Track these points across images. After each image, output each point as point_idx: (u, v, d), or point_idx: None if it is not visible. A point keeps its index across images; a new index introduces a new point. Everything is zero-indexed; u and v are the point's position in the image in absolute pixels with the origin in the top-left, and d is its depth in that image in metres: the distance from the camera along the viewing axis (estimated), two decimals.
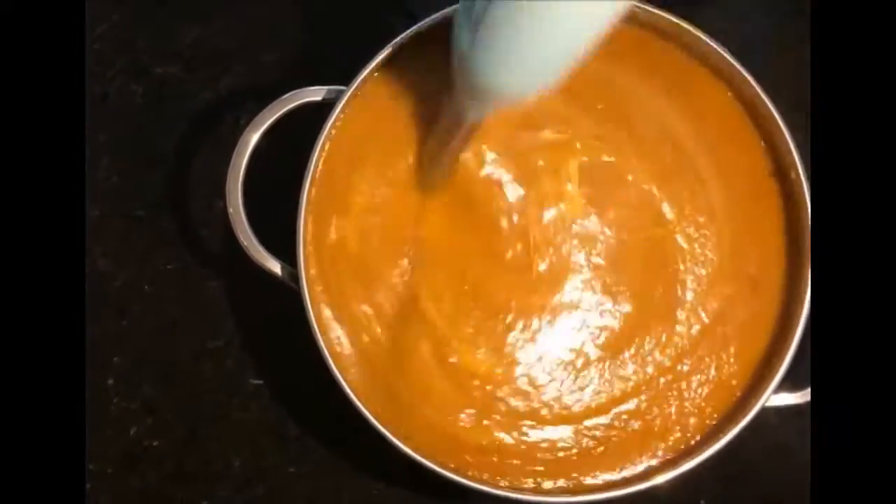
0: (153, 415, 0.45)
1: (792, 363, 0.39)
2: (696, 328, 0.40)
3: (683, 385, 0.40)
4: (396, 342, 0.39)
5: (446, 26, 0.39)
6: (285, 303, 0.39)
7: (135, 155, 0.47)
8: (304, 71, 0.47)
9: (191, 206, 0.47)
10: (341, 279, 0.40)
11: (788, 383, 0.39)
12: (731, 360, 0.40)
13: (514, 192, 0.40)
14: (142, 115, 0.48)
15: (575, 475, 0.39)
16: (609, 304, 0.40)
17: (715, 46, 0.40)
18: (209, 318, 0.46)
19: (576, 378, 0.40)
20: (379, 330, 0.39)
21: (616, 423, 0.39)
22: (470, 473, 0.38)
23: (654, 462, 0.39)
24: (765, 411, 0.39)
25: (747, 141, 0.41)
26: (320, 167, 0.39)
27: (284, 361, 0.46)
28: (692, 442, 0.39)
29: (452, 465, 0.38)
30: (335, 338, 0.39)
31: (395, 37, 0.40)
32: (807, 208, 0.39)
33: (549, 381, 0.40)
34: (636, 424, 0.39)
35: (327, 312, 0.39)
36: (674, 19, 0.40)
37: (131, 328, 0.46)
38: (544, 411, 0.39)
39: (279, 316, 0.41)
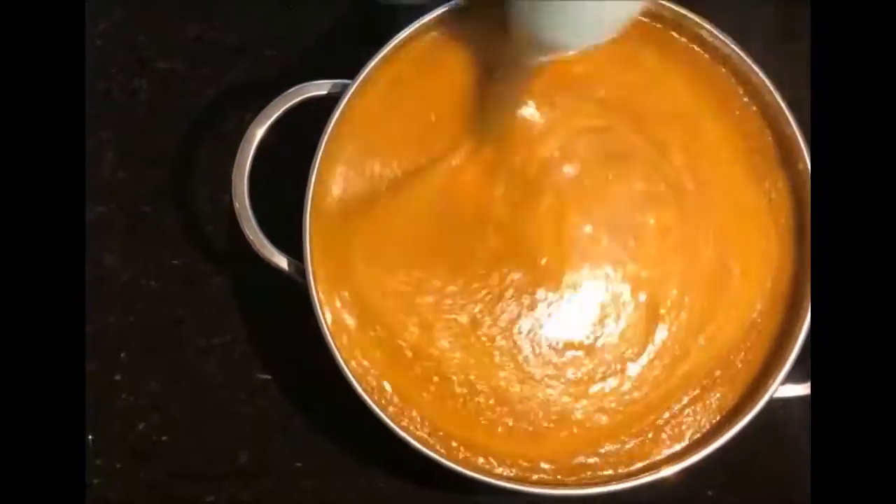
0: (160, 410, 0.45)
1: (799, 355, 0.39)
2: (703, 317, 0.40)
3: (689, 376, 0.40)
4: (404, 335, 0.39)
5: (449, 19, 0.39)
6: (292, 297, 0.39)
7: (139, 151, 0.47)
8: (309, 65, 0.47)
9: (196, 202, 0.47)
10: (348, 272, 0.40)
11: (795, 375, 0.39)
12: (738, 350, 0.40)
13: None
14: (145, 111, 0.48)
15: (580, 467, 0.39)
16: (616, 289, 0.40)
17: (723, 38, 0.40)
18: (215, 314, 0.46)
19: (581, 369, 0.39)
20: (387, 324, 0.39)
21: (621, 414, 0.39)
22: (476, 464, 0.38)
23: (660, 454, 0.39)
24: (771, 403, 0.39)
25: (754, 129, 0.41)
26: (327, 161, 0.39)
27: (291, 356, 0.45)
28: (699, 434, 0.39)
29: (458, 456, 0.38)
30: (342, 332, 0.39)
31: (399, 30, 0.40)
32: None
33: (554, 372, 0.39)
34: (642, 416, 0.39)
35: (334, 306, 0.39)
36: (678, 8, 0.40)
37: (138, 324, 0.46)
38: (552, 407, 0.39)
39: (286, 311, 0.41)
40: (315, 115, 0.39)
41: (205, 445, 0.45)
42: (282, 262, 0.39)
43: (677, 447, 0.39)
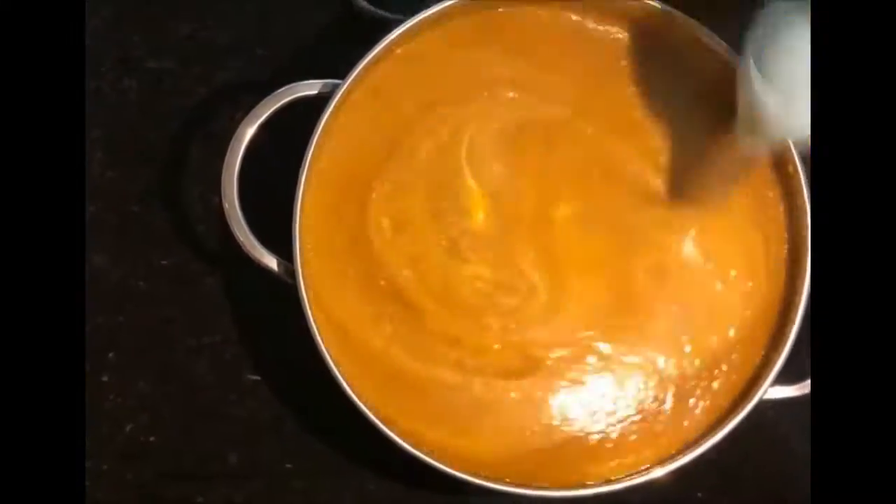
0: (149, 411, 0.45)
1: (789, 356, 0.39)
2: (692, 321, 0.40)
3: (679, 377, 0.39)
4: (394, 337, 0.39)
5: (439, 19, 0.39)
6: (283, 298, 0.38)
7: (129, 150, 0.47)
8: (301, 65, 0.46)
9: (186, 202, 0.46)
10: (339, 273, 0.39)
11: (786, 376, 0.39)
12: (729, 352, 0.40)
13: None
14: (136, 110, 0.47)
15: (571, 468, 0.39)
16: (605, 291, 0.40)
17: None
18: (205, 314, 0.45)
19: (572, 369, 0.39)
20: (377, 326, 0.39)
21: (612, 416, 0.39)
22: (466, 468, 0.38)
23: (651, 455, 0.39)
24: (762, 404, 0.38)
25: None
26: (317, 162, 0.39)
27: (282, 357, 0.45)
28: (690, 435, 0.39)
29: (449, 461, 0.38)
30: (332, 333, 0.39)
31: (390, 30, 0.39)
32: (804, 199, 0.39)
33: (547, 374, 0.39)
34: (633, 417, 0.39)
35: (324, 308, 0.39)
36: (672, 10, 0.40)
37: (127, 324, 0.45)
38: (543, 412, 0.39)
39: (276, 311, 0.41)
40: (307, 114, 0.39)
41: (194, 446, 0.45)
42: (272, 262, 0.39)
43: (668, 448, 0.39)
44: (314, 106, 0.39)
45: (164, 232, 0.46)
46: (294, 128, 0.38)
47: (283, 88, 0.39)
